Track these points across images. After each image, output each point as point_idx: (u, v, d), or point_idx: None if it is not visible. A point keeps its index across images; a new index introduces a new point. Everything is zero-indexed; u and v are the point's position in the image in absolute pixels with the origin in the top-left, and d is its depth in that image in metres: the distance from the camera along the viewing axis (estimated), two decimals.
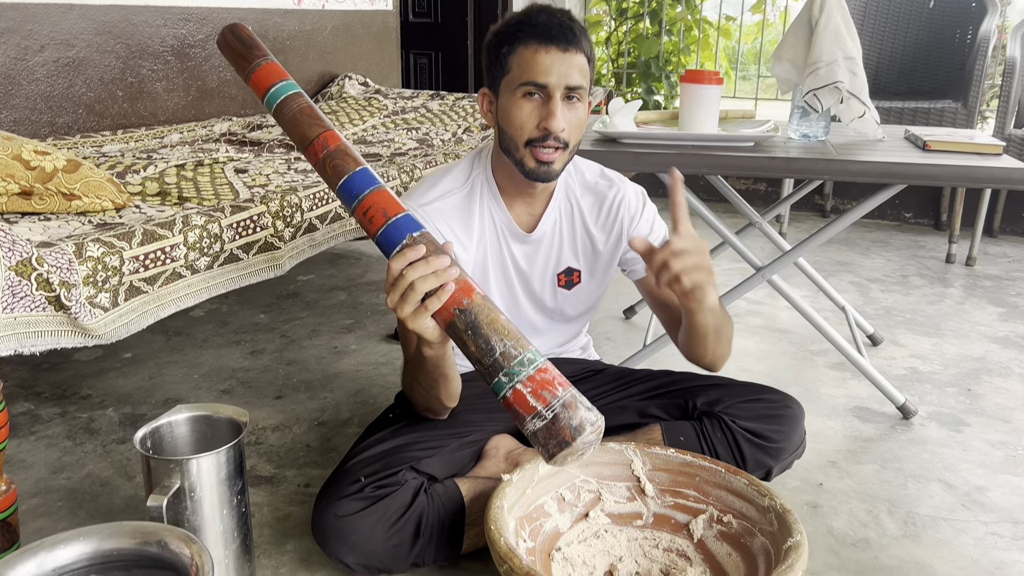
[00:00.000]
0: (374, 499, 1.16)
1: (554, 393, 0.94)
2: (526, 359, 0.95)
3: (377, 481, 1.18)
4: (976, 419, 1.76)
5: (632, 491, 1.27)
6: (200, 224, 1.35)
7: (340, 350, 2.10)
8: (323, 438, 1.66)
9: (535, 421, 0.94)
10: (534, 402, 0.94)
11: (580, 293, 1.39)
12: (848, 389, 1.90)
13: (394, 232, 1.00)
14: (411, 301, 0.98)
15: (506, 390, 0.95)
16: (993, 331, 2.27)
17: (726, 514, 1.21)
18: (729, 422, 1.31)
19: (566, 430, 0.92)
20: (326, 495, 1.18)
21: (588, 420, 0.94)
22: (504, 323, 0.97)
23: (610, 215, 1.35)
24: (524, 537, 1.15)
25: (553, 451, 0.93)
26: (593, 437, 0.95)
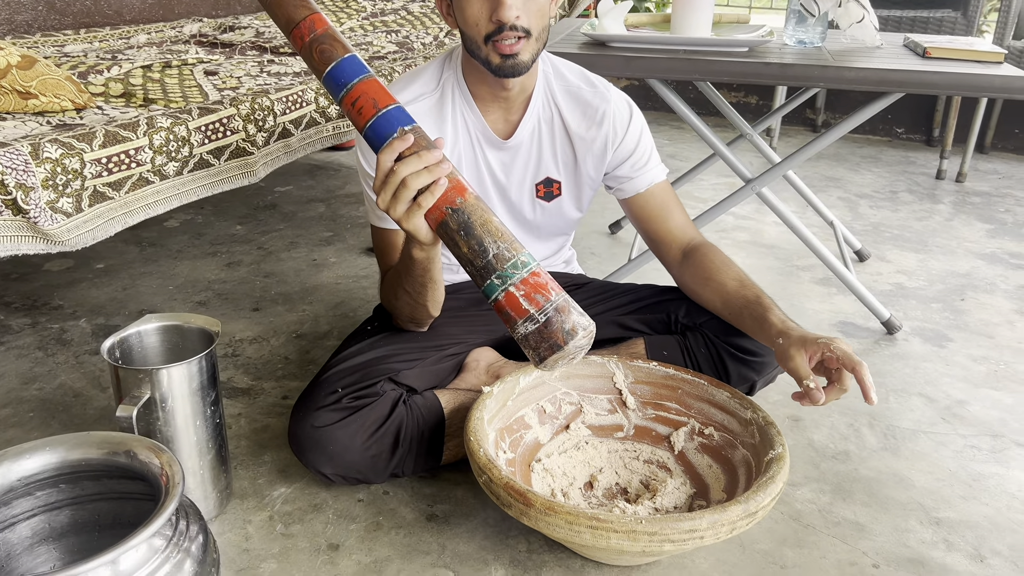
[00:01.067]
0: (352, 410, 1.14)
1: (547, 297, 0.90)
2: (519, 262, 0.92)
3: (355, 392, 1.16)
4: (960, 334, 1.75)
5: (614, 404, 1.26)
6: (166, 126, 1.29)
7: (319, 263, 2.06)
8: (301, 350, 1.63)
9: (527, 324, 0.91)
10: (527, 305, 0.91)
11: (561, 206, 1.35)
12: (834, 304, 1.89)
13: (384, 124, 0.95)
14: (404, 199, 0.93)
15: (498, 293, 0.91)
16: (980, 248, 2.25)
17: (708, 426, 1.20)
18: (712, 336, 1.29)
19: (559, 333, 0.90)
20: (303, 406, 1.16)
21: (581, 324, 0.91)
22: (497, 225, 0.93)
23: (593, 125, 1.28)
24: (504, 448, 1.14)
25: (544, 354, 0.91)
26: (585, 341, 0.93)
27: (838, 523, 1.18)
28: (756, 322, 1.18)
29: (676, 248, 1.33)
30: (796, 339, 1.09)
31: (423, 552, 1.11)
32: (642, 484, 1.18)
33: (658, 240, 1.35)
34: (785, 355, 1.09)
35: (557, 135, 1.29)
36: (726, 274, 1.26)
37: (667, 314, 1.34)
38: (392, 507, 1.19)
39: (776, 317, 1.15)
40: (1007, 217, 2.50)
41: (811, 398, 1.06)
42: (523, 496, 0.96)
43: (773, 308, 1.18)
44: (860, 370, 1.04)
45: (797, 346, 1.09)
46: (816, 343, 1.08)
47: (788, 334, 1.11)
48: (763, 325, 1.16)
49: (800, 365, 1.07)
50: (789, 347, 1.09)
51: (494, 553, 1.10)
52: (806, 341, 1.09)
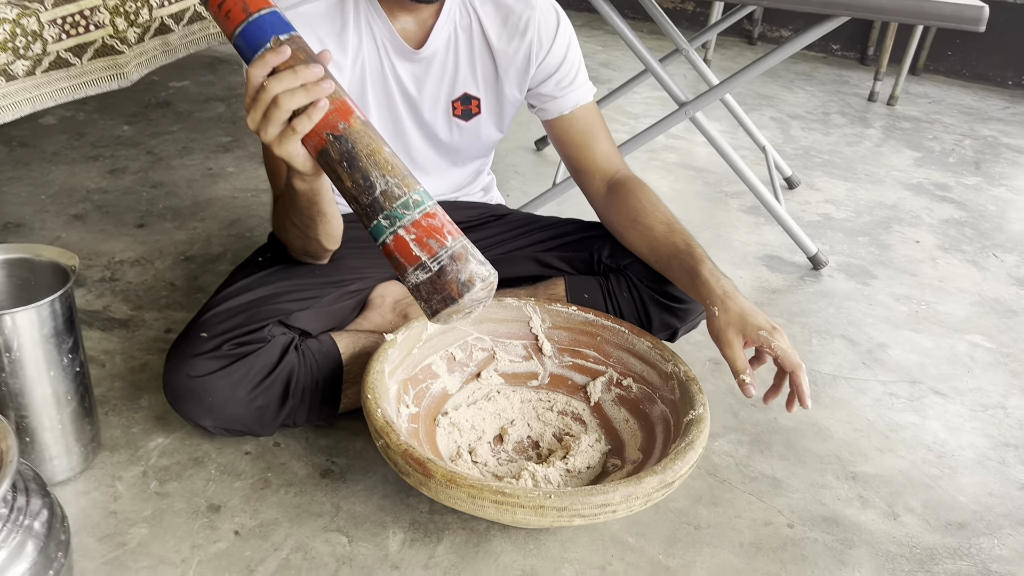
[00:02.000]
0: (234, 357, 1.02)
1: (442, 242, 0.79)
2: (411, 201, 0.79)
3: (238, 337, 1.03)
4: (884, 271, 1.72)
5: (529, 350, 1.17)
6: (11, 18, 1.08)
7: (215, 172, 1.88)
8: (189, 275, 1.48)
9: (418, 273, 0.79)
10: (418, 251, 0.79)
11: (480, 127, 1.21)
12: (760, 236, 1.82)
13: (255, 32, 0.80)
14: (275, 121, 0.79)
15: (386, 235, 0.80)
16: (908, 177, 2.22)
17: (626, 377, 1.12)
18: (636, 280, 1.20)
19: (453, 284, 0.79)
20: (179, 351, 1.03)
21: (479, 275, 0.80)
22: (387, 156, 0.80)
23: (516, 34, 1.14)
24: (407, 402, 1.04)
25: (437, 307, 0.80)
26: (484, 294, 0.83)
27: (755, 478, 1.13)
28: (686, 275, 1.09)
29: (600, 180, 1.22)
30: (735, 318, 1.01)
31: (315, 514, 1.01)
32: (555, 438, 1.11)
33: (580, 169, 1.24)
34: (720, 336, 1.01)
35: (476, 45, 1.15)
36: (653, 216, 1.16)
37: (590, 252, 1.24)
38: (283, 461, 1.09)
39: (709, 273, 1.06)
40: (935, 145, 2.47)
41: (745, 391, 0.99)
42: (422, 466, 0.87)
43: (705, 261, 1.09)
44: (798, 375, 0.98)
45: (735, 330, 1.00)
46: (757, 333, 0.99)
47: (725, 305, 1.02)
48: (694, 280, 1.07)
49: (736, 355, 1.00)
50: (727, 328, 1.01)
51: (393, 514, 1.02)
52: (746, 325, 1.00)
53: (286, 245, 1.13)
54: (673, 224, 1.15)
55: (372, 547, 0.97)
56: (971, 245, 1.86)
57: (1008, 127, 2.68)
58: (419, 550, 0.97)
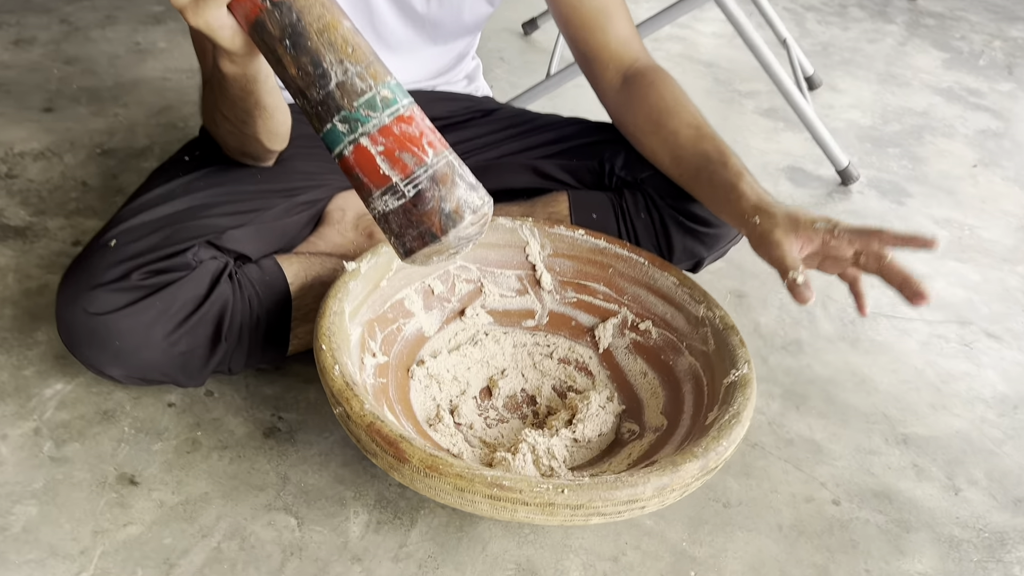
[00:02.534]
0: (148, 289, 0.78)
1: (420, 157, 0.56)
2: (379, 98, 0.56)
3: (154, 263, 0.79)
4: (919, 188, 1.51)
5: (524, 282, 0.95)
6: None
7: (143, 48, 1.57)
8: (107, 174, 1.21)
9: (387, 199, 0.57)
10: (387, 169, 0.56)
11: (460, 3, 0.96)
12: (780, 143, 1.59)
13: None
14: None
15: (343, 145, 0.57)
16: (937, 80, 1.98)
17: (644, 320, 0.91)
18: (657, 198, 0.97)
19: (434, 216, 0.56)
20: (75, 279, 0.79)
21: (468, 204, 0.58)
22: (347, 34, 0.56)
23: None
24: (373, 350, 0.82)
25: (412, 245, 0.58)
26: (474, 230, 0.60)
27: (791, 442, 0.95)
28: (719, 190, 0.87)
29: (614, 70, 0.98)
30: (782, 219, 0.79)
31: (256, 487, 0.80)
32: (555, 392, 0.90)
33: (590, 57, 0.99)
34: (767, 239, 0.79)
35: None
36: (679, 118, 0.93)
37: (600, 162, 1.01)
38: (216, 416, 0.87)
39: (748, 186, 0.84)
40: (962, 46, 2.22)
41: (798, 296, 0.76)
42: (394, 446, 0.66)
43: (743, 173, 0.86)
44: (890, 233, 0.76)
45: (785, 228, 0.79)
46: (812, 226, 0.78)
47: (769, 211, 0.81)
48: (729, 195, 0.85)
49: (786, 253, 0.77)
50: (773, 229, 0.79)
51: (354, 488, 0.81)
52: (797, 222, 0.79)
53: (219, 142, 0.88)
54: (703, 127, 0.92)
55: (328, 532, 0.77)
56: (1011, 160, 1.65)
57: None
58: (387, 536, 0.77)
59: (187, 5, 0.56)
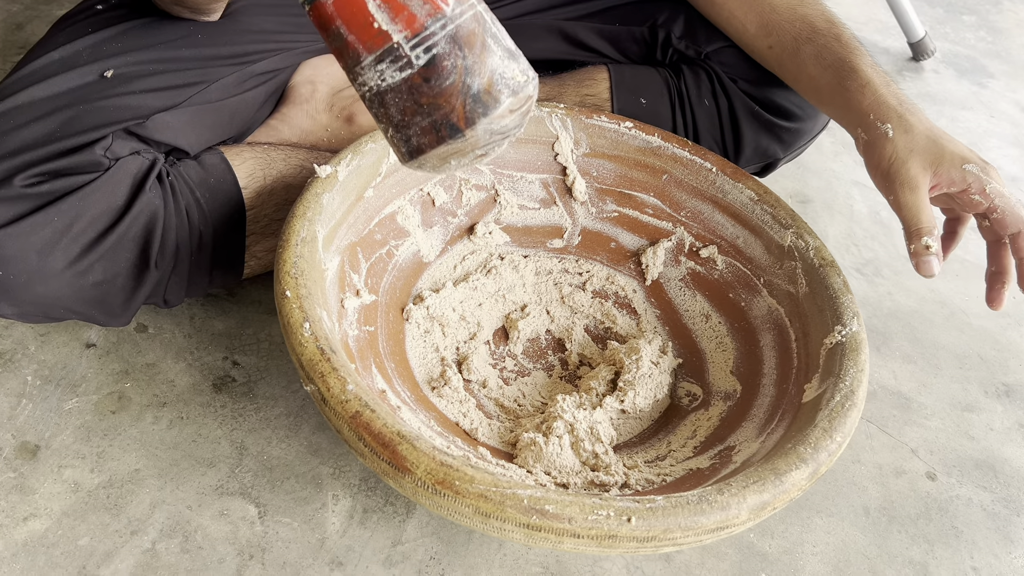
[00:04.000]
0: (39, 200, 0.55)
1: (436, 3, 0.35)
2: None
3: (46, 163, 0.56)
4: (1001, 67, 1.27)
5: (552, 190, 0.73)
6: None
7: None
8: (9, 23, 0.94)
9: (383, 68, 0.37)
10: (384, 20, 0.37)
11: None
12: (838, 5, 1.33)
13: None
14: None
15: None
16: None
17: (708, 244, 0.71)
18: (726, 79, 0.75)
19: (454, 97, 0.37)
20: None
21: (507, 80, 0.38)
22: None
23: None
24: (357, 286, 0.61)
25: (420, 142, 0.39)
26: (513, 121, 0.40)
27: (874, 394, 0.77)
28: (829, 72, 0.65)
29: None
30: (923, 142, 0.59)
31: (203, 462, 0.61)
32: (589, 335, 0.70)
33: None
34: (898, 171, 0.59)
35: None
36: None
37: (652, 27, 0.77)
38: (151, 360, 0.67)
39: (874, 72, 0.63)
40: None
41: (925, 268, 0.59)
42: (390, 449, 0.46)
43: (863, 51, 0.65)
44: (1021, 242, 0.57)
45: (924, 160, 0.58)
46: (961, 168, 0.58)
47: (906, 122, 0.60)
48: (846, 82, 0.64)
49: (921, 203, 0.58)
50: (909, 158, 0.59)
51: (334, 462, 0.63)
52: (942, 154, 0.58)
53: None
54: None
55: (299, 525, 0.59)
56: None
57: None
58: (376, 529, 0.60)
59: None
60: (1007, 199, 0.59)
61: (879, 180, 0.61)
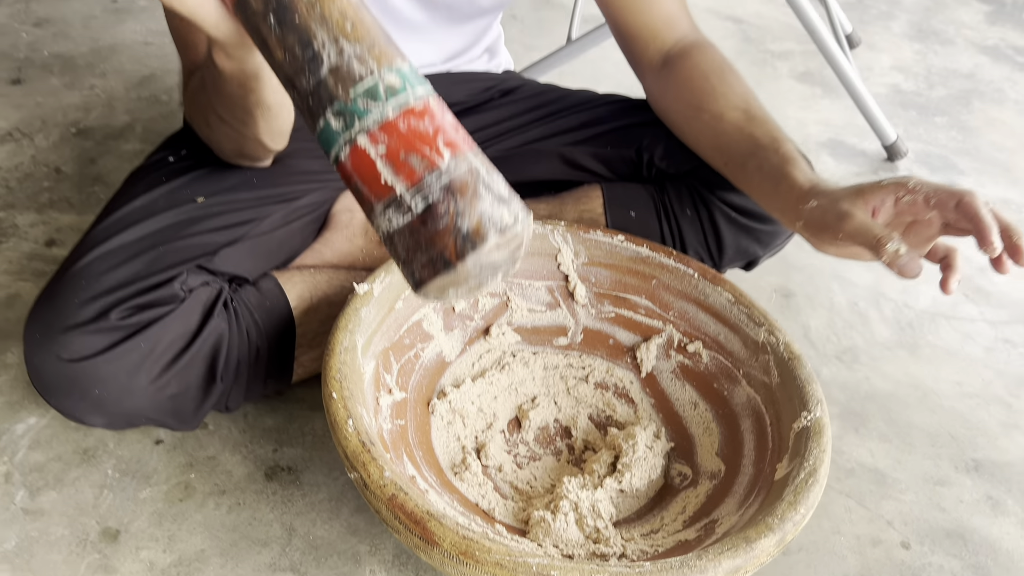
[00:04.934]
0: (130, 330, 0.66)
1: (432, 160, 0.44)
2: (383, 86, 0.44)
3: (135, 298, 0.67)
4: (971, 164, 1.39)
5: (556, 295, 0.84)
6: None
7: (121, 7, 1.42)
8: (83, 158, 1.09)
9: (390, 214, 0.45)
10: (389, 176, 0.44)
11: None
12: (819, 112, 1.47)
13: None
14: None
15: (339, 146, 0.45)
16: (981, 37, 1.84)
17: (694, 340, 0.81)
18: (704, 191, 0.86)
19: (447, 236, 0.44)
20: (45, 318, 0.67)
21: (494, 221, 0.45)
22: (345, 7, 0.45)
23: None
24: (390, 385, 0.72)
25: (422, 275, 0.46)
26: (503, 255, 0.47)
27: (852, 471, 0.85)
28: (768, 179, 0.73)
29: (655, 50, 0.86)
30: (841, 192, 0.66)
31: (258, 542, 0.71)
32: (592, 423, 0.80)
33: (630, 35, 0.87)
34: (831, 216, 0.65)
35: None
36: (725, 99, 0.80)
37: (638, 150, 0.89)
38: (211, 454, 0.77)
39: (800, 172, 0.71)
40: None
41: (905, 269, 0.62)
42: (421, 526, 0.56)
43: (796, 159, 0.73)
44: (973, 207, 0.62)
45: (851, 198, 0.65)
46: (878, 187, 0.65)
47: (823, 190, 0.68)
48: (779, 185, 0.72)
49: (862, 222, 0.63)
50: (837, 203, 0.66)
51: (370, 540, 0.72)
52: (861, 188, 0.66)
53: (210, 145, 0.76)
54: (752, 108, 0.79)
55: None
56: None
57: None
58: None
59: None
60: (933, 184, 0.64)
61: (826, 237, 0.67)
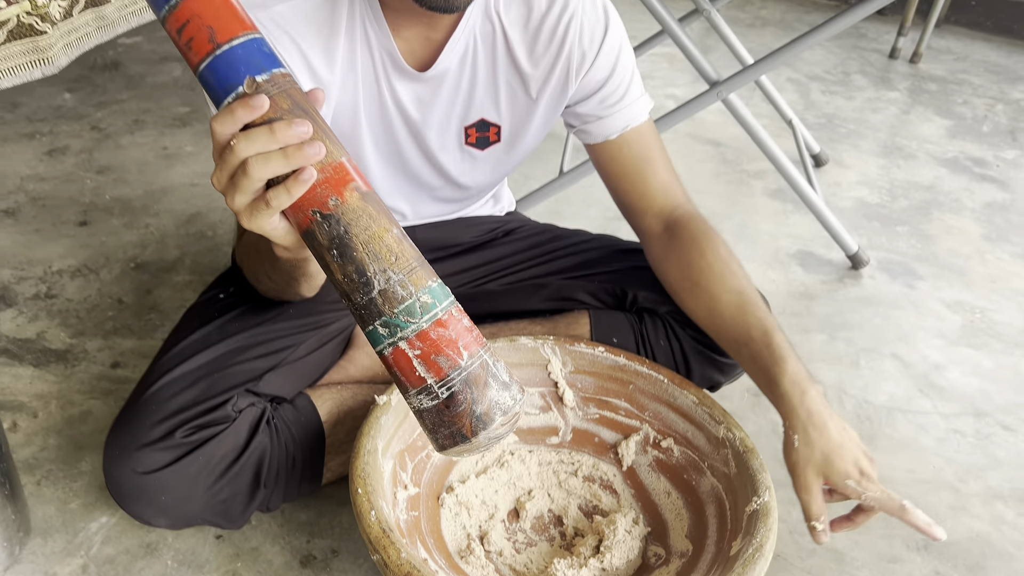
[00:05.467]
0: (191, 446, 0.81)
1: (454, 360, 0.59)
2: (419, 305, 0.59)
3: (195, 420, 0.82)
4: (929, 270, 1.54)
5: (547, 399, 0.98)
6: None
7: (171, 153, 1.63)
8: (141, 289, 1.26)
9: (422, 398, 0.60)
10: (423, 371, 0.59)
11: (498, 154, 0.97)
12: (790, 226, 1.63)
13: (224, 70, 0.57)
14: (245, 190, 0.57)
15: (383, 346, 0.60)
16: (942, 150, 2.02)
17: (666, 437, 0.94)
18: (677, 327, 1.00)
19: (465, 418, 0.59)
20: (121, 440, 0.82)
21: (500, 405, 0.60)
22: (392, 243, 0.60)
23: (553, 42, 0.89)
24: (405, 482, 0.85)
25: (444, 443, 0.61)
26: (504, 430, 0.62)
27: (813, 552, 0.97)
28: (761, 375, 0.87)
29: (653, 216, 0.97)
30: (818, 457, 0.82)
31: None
32: (581, 512, 0.93)
33: (630, 205, 0.99)
34: (797, 474, 0.83)
35: (500, 61, 0.89)
36: (721, 283, 0.91)
37: (623, 289, 1.03)
38: (255, 545, 0.90)
39: (791, 383, 0.84)
40: (966, 111, 2.26)
41: (816, 539, 0.84)
42: None
43: (787, 360, 0.85)
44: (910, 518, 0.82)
45: (818, 470, 0.82)
46: (843, 483, 0.81)
47: (808, 436, 0.82)
48: (772, 388, 0.86)
49: (812, 500, 0.82)
50: (806, 468, 0.82)
51: None
52: (830, 468, 0.81)
53: (255, 287, 0.91)
54: (746, 295, 0.90)
55: None
56: (1019, 235, 1.68)
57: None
58: None
59: (242, 211, 0.59)
60: (880, 501, 0.81)
61: (789, 471, 0.83)
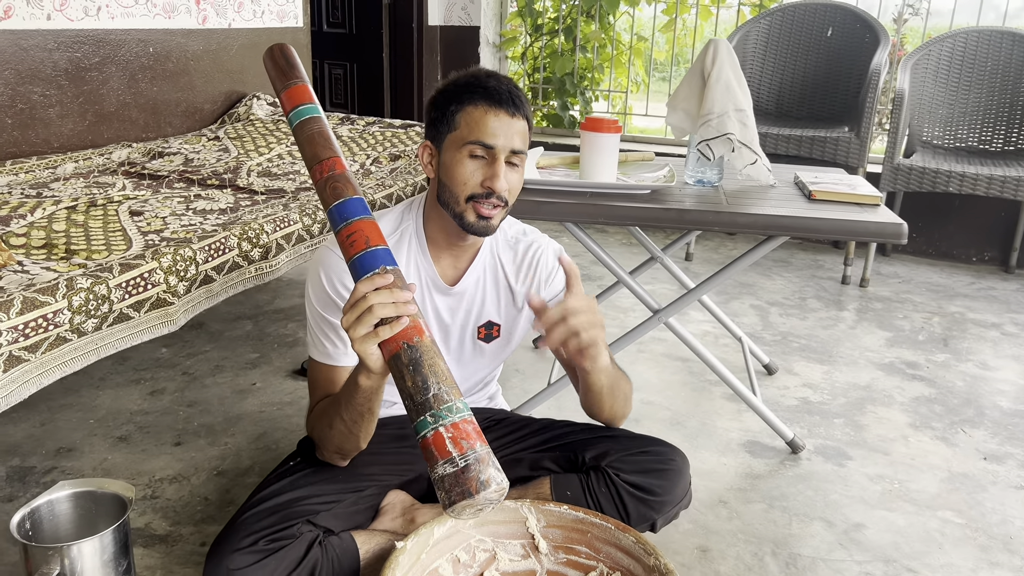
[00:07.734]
0: (268, 552, 1.17)
1: (471, 445, 0.96)
2: (455, 407, 0.99)
3: (272, 534, 1.18)
4: (859, 451, 1.85)
5: (527, 548, 1.30)
6: (86, 287, 1.32)
7: (244, 389, 2.08)
8: (222, 490, 1.64)
9: (446, 466, 0.96)
10: (451, 448, 0.96)
11: (497, 346, 1.44)
12: (742, 422, 1.98)
13: (370, 259, 1.06)
14: (365, 323, 1.02)
15: (428, 430, 0.97)
16: (880, 357, 2.39)
17: (615, 571, 1.25)
18: (614, 476, 1.35)
19: (473, 482, 0.95)
20: (219, 549, 1.18)
21: (495, 479, 0.97)
22: (444, 369, 1.01)
23: (529, 270, 1.40)
24: None
25: (455, 499, 0.96)
26: (496, 496, 0.98)
27: None
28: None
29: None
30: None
31: None
32: None
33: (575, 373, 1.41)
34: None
35: (500, 281, 1.41)
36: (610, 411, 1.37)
37: (574, 452, 1.40)
38: None
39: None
40: (905, 324, 2.66)
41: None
42: None
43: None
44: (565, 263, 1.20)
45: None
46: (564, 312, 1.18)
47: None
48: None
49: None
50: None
51: None
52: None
53: (321, 443, 1.28)
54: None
55: None
56: (940, 421, 2.01)
57: (974, 302, 2.88)
58: None
59: (358, 338, 1.01)
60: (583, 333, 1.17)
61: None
